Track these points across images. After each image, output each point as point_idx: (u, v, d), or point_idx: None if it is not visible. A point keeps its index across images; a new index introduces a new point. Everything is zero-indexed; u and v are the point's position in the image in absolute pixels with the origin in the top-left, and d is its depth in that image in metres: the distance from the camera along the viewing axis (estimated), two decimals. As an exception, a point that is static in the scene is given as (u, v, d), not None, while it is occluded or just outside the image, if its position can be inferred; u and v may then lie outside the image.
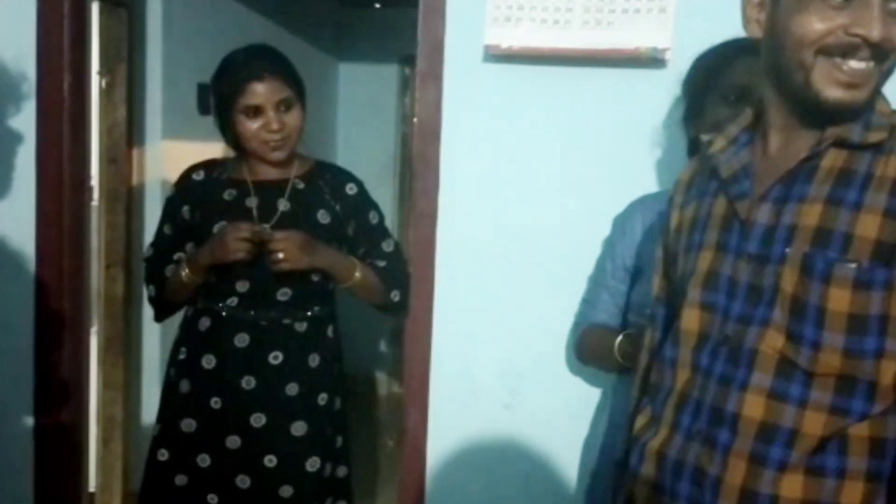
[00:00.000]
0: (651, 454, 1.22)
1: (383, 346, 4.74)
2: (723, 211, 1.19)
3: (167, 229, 2.24)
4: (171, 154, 3.37)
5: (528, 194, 2.02)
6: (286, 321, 2.14)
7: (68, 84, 2.24)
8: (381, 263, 2.13)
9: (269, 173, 2.17)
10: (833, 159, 1.11)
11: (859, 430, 1.06)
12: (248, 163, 2.18)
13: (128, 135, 3.24)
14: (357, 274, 2.13)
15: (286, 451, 2.13)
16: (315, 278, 2.12)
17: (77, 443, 2.39)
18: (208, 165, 2.25)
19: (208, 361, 2.14)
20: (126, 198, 3.29)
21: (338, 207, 2.17)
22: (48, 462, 2.32)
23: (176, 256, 2.21)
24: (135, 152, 3.28)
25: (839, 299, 1.04)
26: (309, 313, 2.17)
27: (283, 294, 2.13)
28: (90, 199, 2.50)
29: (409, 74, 4.72)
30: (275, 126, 2.08)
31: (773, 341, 1.09)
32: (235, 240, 2.03)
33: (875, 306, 1.04)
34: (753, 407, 1.10)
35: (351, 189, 2.20)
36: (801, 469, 1.07)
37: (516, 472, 2.10)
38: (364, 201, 2.17)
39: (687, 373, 1.20)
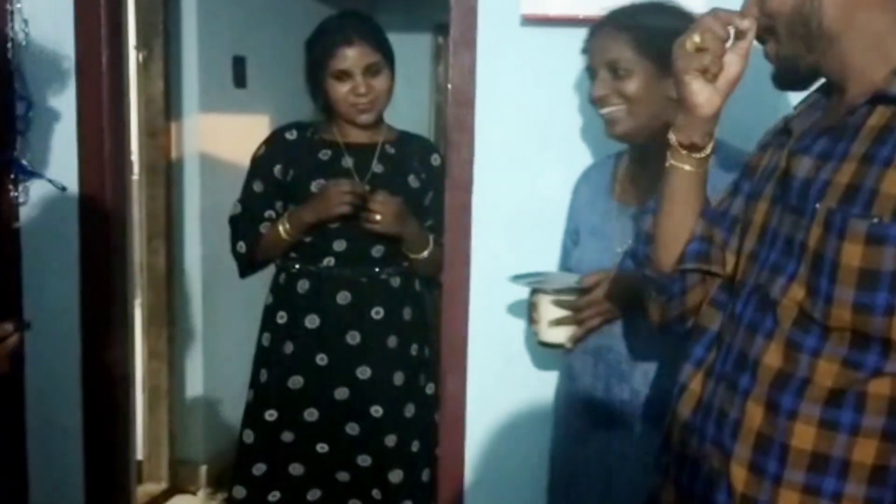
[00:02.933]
0: (689, 395, 1.25)
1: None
2: (783, 164, 1.20)
3: (257, 187, 2.30)
4: (208, 127, 3.40)
5: (565, 161, 2.00)
6: (383, 277, 2.26)
7: (106, 59, 2.26)
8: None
9: (360, 136, 2.27)
10: (879, 117, 1.10)
11: (879, 388, 1.06)
12: (338, 125, 2.27)
13: (165, 108, 3.28)
14: (426, 252, 2.23)
15: (390, 402, 2.26)
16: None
17: (124, 413, 2.44)
18: (299, 126, 2.32)
19: (312, 321, 2.25)
20: (165, 171, 3.33)
21: (423, 175, 2.28)
22: (97, 432, 2.38)
23: (267, 214, 2.27)
24: (173, 126, 3.31)
25: (852, 253, 1.04)
26: (400, 268, 2.27)
27: (377, 251, 2.24)
28: (130, 172, 2.53)
29: (441, 43, 4.69)
30: (362, 90, 2.18)
31: (794, 294, 1.10)
32: (339, 194, 2.13)
33: (888, 263, 1.02)
34: (772, 355, 1.12)
35: (435, 160, 2.31)
36: (815, 420, 1.08)
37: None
38: (444, 176, 2.20)
39: (721, 318, 1.23)
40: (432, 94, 4.66)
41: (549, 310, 1.67)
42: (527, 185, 2.03)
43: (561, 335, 1.68)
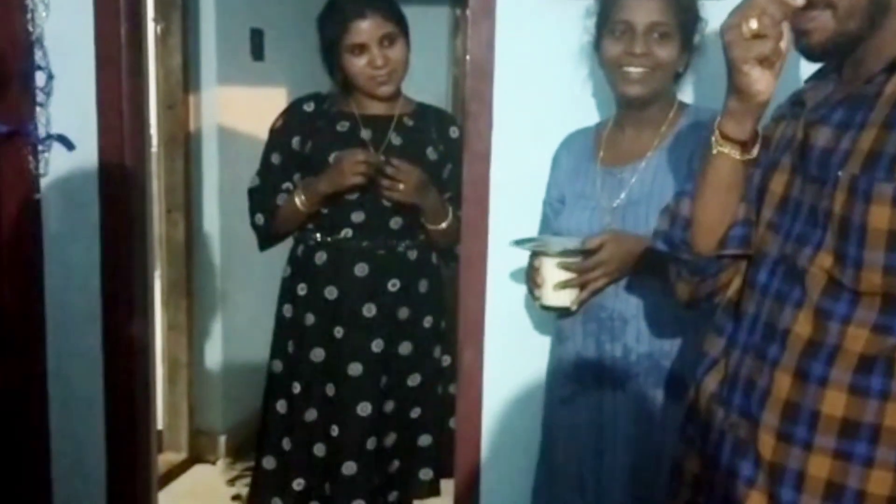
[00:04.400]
0: (717, 366, 1.26)
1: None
2: (800, 135, 1.20)
3: (275, 159, 2.31)
4: (226, 99, 3.40)
5: (583, 133, 1.99)
6: (400, 249, 2.27)
7: (125, 31, 2.26)
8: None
9: (377, 108, 2.27)
10: None
11: None
12: (354, 97, 2.27)
13: (184, 81, 3.28)
14: (444, 223, 2.23)
15: (395, 372, 2.28)
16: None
17: (144, 383, 2.46)
18: (317, 98, 2.32)
19: (331, 293, 2.26)
20: (184, 143, 3.33)
21: (441, 147, 2.28)
22: (118, 402, 2.40)
23: (285, 186, 2.28)
24: (191, 98, 3.31)
25: (879, 216, 1.05)
26: (417, 241, 2.27)
27: (395, 223, 2.24)
28: (149, 145, 2.54)
29: (459, 16, 4.66)
30: (379, 62, 2.17)
31: (822, 262, 1.11)
32: (353, 164, 2.12)
33: None
34: (802, 324, 1.12)
35: (454, 132, 2.30)
36: (845, 387, 1.09)
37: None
38: (462, 148, 2.20)
39: (745, 290, 1.24)
40: (450, 67, 4.63)
41: (553, 273, 1.67)
42: (545, 156, 2.01)
43: (565, 298, 1.68)
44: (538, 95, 2.02)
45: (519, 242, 1.77)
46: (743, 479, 1.17)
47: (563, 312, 1.75)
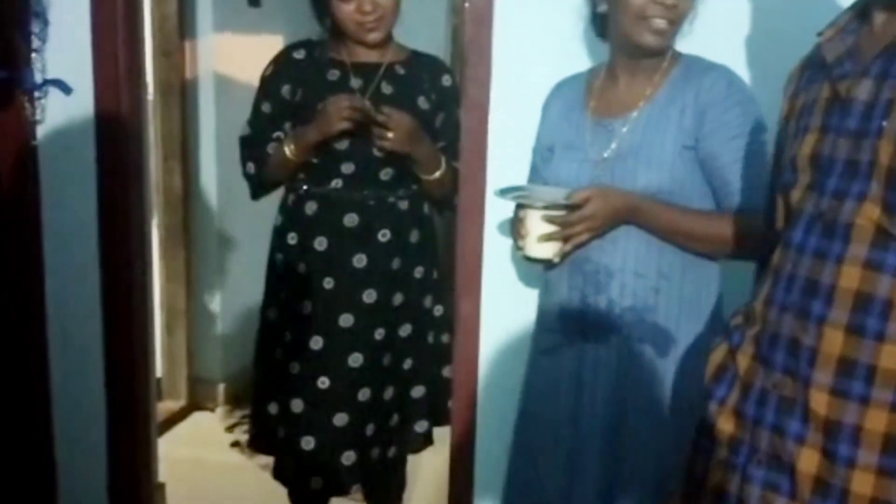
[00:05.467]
0: (753, 328, 1.26)
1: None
2: (827, 94, 1.19)
3: (265, 107, 2.29)
4: (223, 46, 3.37)
5: (582, 82, 1.97)
6: (391, 199, 2.24)
7: (120, -24, 2.23)
8: (458, 165, 2.15)
9: (368, 56, 2.23)
10: None
11: None
12: (345, 45, 2.23)
13: (179, 28, 3.25)
14: (438, 172, 2.21)
15: (389, 323, 2.27)
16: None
17: (143, 331, 2.47)
18: (308, 45, 2.28)
19: (320, 243, 2.24)
20: (180, 91, 3.31)
21: (433, 96, 2.25)
22: (116, 350, 2.41)
23: (276, 135, 2.25)
24: (187, 45, 3.28)
25: None
26: (409, 191, 2.24)
27: (386, 173, 2.22)
28: (146, 92, 2.52)
29: (460, -38, 4.60)
30: (367, 7, 2.13)
31: (869, 213, 1.10)
32: (339, 110, 2.09)
33: None
34: (849, 278, 1.12)
35: (447, 81, 2.27)
36: None
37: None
38: (456, 97, 2.18)
39: (779, 248, 1.24)
40: (449, 15, 4.57)
41: (537, 225, 1.66)
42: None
43: (548, 250, 1.68)
44: (538, 43, 2.00)
45: (504, 192, 1.74)
46: (792, 436, 1.17)
47: (547, 264, 1.75)
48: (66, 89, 2.24)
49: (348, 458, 2.27)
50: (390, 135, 2.11)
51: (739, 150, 1.63)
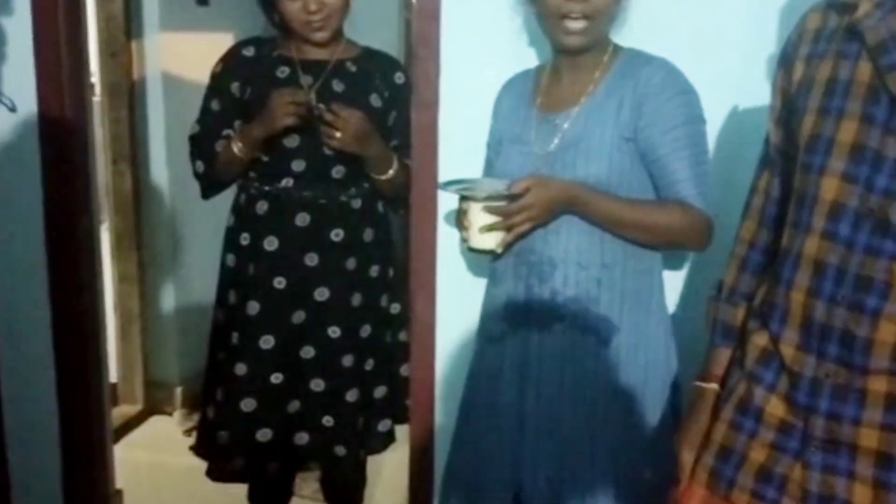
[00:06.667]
0: (793, 316, 1.28)
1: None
2: (868, 80, 1.19)
3: (215, 105, 2.26)
4: (170, 46, 3.33)
5: (531, 77, 1.98)
6: (343, 198, 2.22)
7: (60, -24, 2.19)
8: (410, 162, 2.14)
9: (318, 53, 2.22)
10: None
11: None
12: (294, 42, 2.21)
13: (126, 27, 3.20)
14: (391, 171, 2.20)
15: (347, 323, 2.25)
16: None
17: (95, 335, 2.44)
18: (257, 42, 2.26)
19: (270, 243, 2.22)
20: (128, 91, 3.27)
21: (386, 94, 2.24)
22: (68, 355, 2.38)
23: (225, 132, 2.23)
24: (134, 45, 3.24)
25: None
26: (362, 189, 2.23)
27: (338, 172, 2.20)
28: (92, 93, 2.48)
29: (410, -44, 4.58)
30: (313, 6, 2.11)
31: None
32: (282, 105, 2.08)
33: None
34: None
35: (399, 78, 2.26)
36: None
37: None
38: (409, 94, 2.16)
39: (817, 240, 1.24)
40: (402, 10, 4.56)
41: (479, 216, 1.67)
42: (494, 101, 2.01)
43: (490, 241, 1.69)
44: (486, 39, 2.00)
45: (447, 185, 1.76)
46: (848, 419, 1.23)
47: (491, 255, 1.77)
48: (11, 108, 2.20)
49: (300, 438, 2.28)
50: (338, 134, 2.09)
51: (677, 140, 1.65)
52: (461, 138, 2.02)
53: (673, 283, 1.92)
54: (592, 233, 1.69)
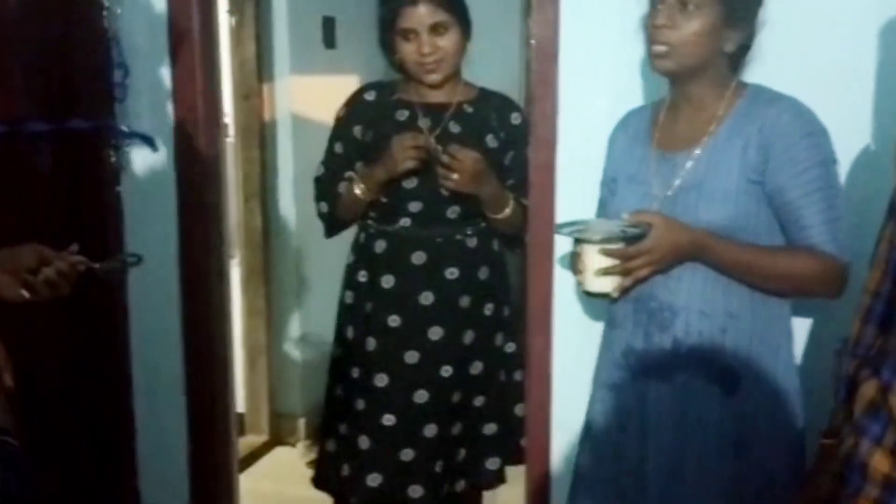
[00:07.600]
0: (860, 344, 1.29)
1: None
2: None
3: (338, 148, 2.34)
4: (300, 88, 3.45)
5: (651, 115, 1.95)
6: (458, 237, 2.26)
7: (198, 24, 2.31)
8: (526, 201, 2.15)
9: (436, 96, 2.27)
10: None
11: None
12: (414, 85, 2.28)
13: (258, 71, 3.34)
14: (507, 210, 2.22)
15: (458, 361, 2.27)
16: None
17: (224, 367, 2.53)
18: (379, 86, 2.34)
19: (387, 281, 2.27)
20: (259, 132, 3.40)
21: (502, 134, 2.27)
22: (199, 386, 2.47)
23: (347, 174, 2.30)
24: (265, 88, 3.37)
25: None
26: (477, 228, 2.26)
27: (453, 212, 2.24)
28: (226, 134, 2.59)
29: (533, -4, 4.61)
30: (426, 49, 2.17)
31: None
32: (403, 149, 2.14)
33: None
34: None
35: (516, 119, 2.28)
36: None
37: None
38: (525, 134, 2.18)
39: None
40: (523, 49, 4.58)
41: (594, 259, 1.61)
42: (612, 140, 1.99)
43: (607, 284, 1.63)
44: (604, 77, 1.99)
45: (561, 227, 1.72)
46: None
47: (608, 298, 1.71)
48: (152, 146, 2.33)
49: (415, 491, 2.27)
50: (455, 175, 2.12)
51: (809, 183, 1.57)
52: (579, 177, 2.00)
53: (800, 330, 1.83)
54: (717, 279, 1.61)
